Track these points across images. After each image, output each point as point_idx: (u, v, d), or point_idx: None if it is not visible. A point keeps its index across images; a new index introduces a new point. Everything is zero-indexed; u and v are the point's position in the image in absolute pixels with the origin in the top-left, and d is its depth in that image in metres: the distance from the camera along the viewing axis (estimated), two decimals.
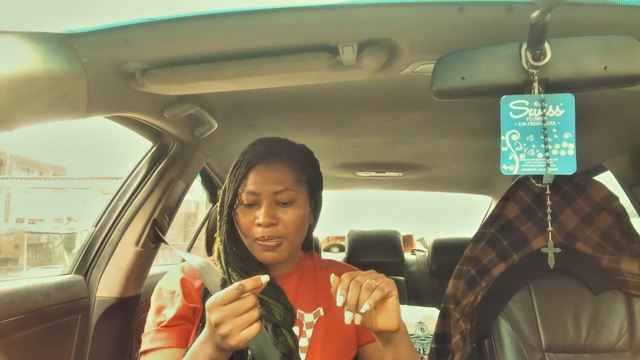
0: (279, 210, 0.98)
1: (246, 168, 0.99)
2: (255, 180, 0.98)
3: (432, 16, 0.82)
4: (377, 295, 0.77)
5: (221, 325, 0.77)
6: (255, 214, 0.97)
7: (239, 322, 0.77)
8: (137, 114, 1.21)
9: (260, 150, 1.02)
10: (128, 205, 1.50)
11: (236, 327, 0.76)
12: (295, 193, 0.99)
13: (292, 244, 1.00)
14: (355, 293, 0.78)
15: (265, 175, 0.98)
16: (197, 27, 0.85)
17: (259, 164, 0.99)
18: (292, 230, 0.98)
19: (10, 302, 1.14)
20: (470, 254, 1.39)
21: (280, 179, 0.98)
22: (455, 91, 0.82)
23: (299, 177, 1.02)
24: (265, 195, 0.97)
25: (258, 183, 0.98)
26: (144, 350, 0.95)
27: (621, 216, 1.31)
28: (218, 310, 0.77)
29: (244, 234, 0.99)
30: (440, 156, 2.11)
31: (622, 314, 1.24)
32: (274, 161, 1.00)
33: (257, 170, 0.99)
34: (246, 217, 0.98)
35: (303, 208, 1.01)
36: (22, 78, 0.79)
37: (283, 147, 1.05)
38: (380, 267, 3.36)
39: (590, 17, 0.82)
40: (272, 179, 0.98)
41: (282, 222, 0.97)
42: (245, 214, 0.98)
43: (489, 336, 1.26)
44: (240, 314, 0.77)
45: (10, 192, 10.68)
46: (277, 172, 0.99)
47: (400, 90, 1.26)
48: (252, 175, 0.99)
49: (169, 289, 1.00)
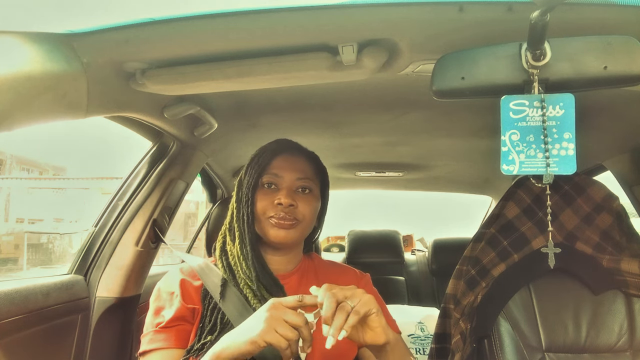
0: (297, 196, 1.03)
1: (270, 155, 1.06)
2: (279, 165, 1.05)
3: (432, 16, 0.82)
4: (352, 320, 0.79)
5: (269, 318, 0.80)
6: (275, 196, 1.01)
7: (280, 321, 0.80)
8: (137, 114, 1.21)
9: (283, 143, 1.10)
10: (128, 205, 1.50)
11: (275, 322, 0.79)
12: (312, 183, 1.06)
13: (303, 230, 1.04)
14: (334, 317, 0.80)
15: (289, 162, 1.06)
16: (197, 27, 0.85)
17: (283, 153, 1.07)
18: (307, 216, 1.03)
19: (10, 302, 1.14)
20: (470, 254, 1.39)
21: (302, 168, 1.06)
22: (455, 91, 0.82)
23: (315, 173, 1.09)
24: (287, 179, 1.03)
25: (282, 168, 1.04)
26: (143, 351, 0.95)
27: (621, 216, 1.31)
28: (277, 302, 0.82)
29: (259, 215, 1.02)
30: (440, 156, 2.10)
31: (622, 314, 1.24)
32: (296, 154, 1.08)
33: (282, 157, 1.06)
34: (265, 198, 1.02)
35: (317, 200, 1.07)
36: (22, 78, 0.79)
37: (302, 147, 1.13)
38: (380, 267, 3.35)
39: (590, 17, 0.82)
40: (294, 167, 1.05)
41: (299, 206, 1.02)
42: (265, 195, 1.02)
43: (489, 336, 1.26)
44: (286, 320, 0.80)
45: (10, 192, 10.68)
46: (299, 163, 1.07)
47: (400, 90, 1.26)
48: (276, 162, 1.05)
49: (167, 289, 1.00)
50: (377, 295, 1.12)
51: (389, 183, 2.80)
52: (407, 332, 2.05)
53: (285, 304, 0.83)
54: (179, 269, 1.04)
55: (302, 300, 0.83)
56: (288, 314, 0.81)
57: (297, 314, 0.82)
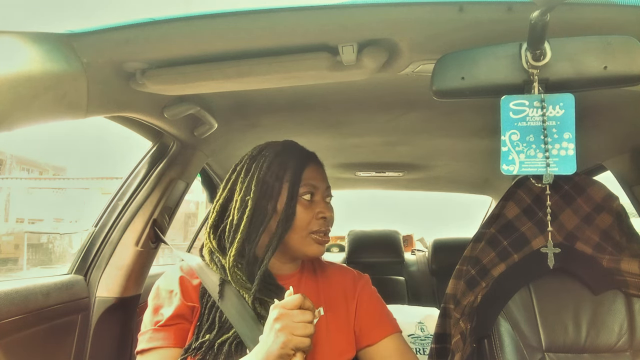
0: (328, 206, 1.04)
1: (301, 165, 1.02)
2: (312, 176, 1.02)
3: (432, 16, 0.82)
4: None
5: (283, 327, 0.82)
6: (315, 209, 1.00)
7: (294, 325, 0.82)
8: (137, 114, 1.21)
9: (305, 151, 1.07)
10: (128, 205, 1.50)
11: (291, 328, 0.82)
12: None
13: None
14: None
15: (319, 172, 1.05)
16: (197, 27, 0.85)
17: (311, 163, 1.04)
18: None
19: (10, 302, 1.14)
20: (470, 254, 1.39)
21: (326, 177, 1.06)
22: (455, 91, 0.82)
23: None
24: (321, 190, 1.03)
25: (315, 179, 1.02)
26: (141, 350, 0.95)
27: (621, 216, 1.31)
28: (280, 309, 0.84)
29: (299, 229, 0.99)
30: (440, 156, 2.10)
31: (622, 314, 1.24)
32: (318, 162, 1.07)
33: (312, 168, 1.04)
34: (307, 211, 1.00)
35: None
36: (22, 78, 0.79)
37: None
38: (380, 267, 3.34)
39: (590, 17, 0.82)
40: (323, 176, 1.05)
41: (331, 217, 1.03)
42: (306, 207, 1.00)
43: (489, 336, 1.26)
44: (298, 321, 0.83)
45: (10, 192, 10.68)
46: (323, 172, 1.07)
47: (400, 90, 1.26)
48: (308, 172, 1.02)
49: (167, 288, 1.00)
50: (377, 295, 1.12)
51: (389, 183, 2.80)
52: (407, 332, 2.05)
53: (288, 306, 0.84)
54: (178, 267, 1.04)
55: (304, 299, 0.85)
56: (296, 315, 0.83)
57: (303, 312, 0.84)
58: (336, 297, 1.07)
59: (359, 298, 1.08)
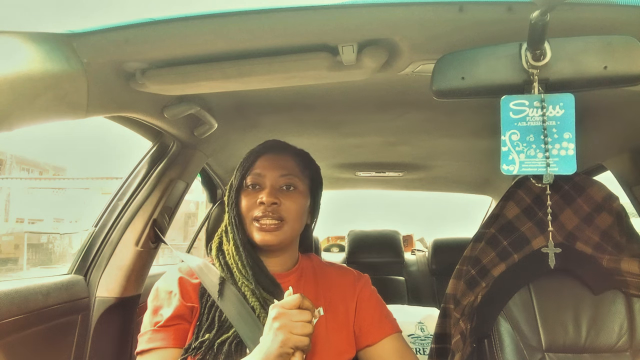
0: (281, 194, 1.03)
1: (254, 156, 1.07)
2: (262, 165, 1.05)
3: (432, 16, 0.82)
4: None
5: (281, 326, 0.83)
6: (258, 196, 1.01)
7: (292, 324, 0.83)
8: (137, 114, 1.21)
9: (269, 143, 1.10)
10: (128, 205, 1.50)
11: (289, 327, 0.83)
12: (298, 180, 1.05)
13: (291, 229, 1.03)
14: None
15: (272, 161, 1.05)
16: (197, 27, 0.85)
17: (266, 153, 1.07)
18: (292, 214, 1.02)
19: (10, 302, 1.13)
20: (470, 254, 1.39)
21: (286, 166, 1.05)
22: (455, 91, 0.82)
23: (302, 170, 1.08)
24: (269, 178, 1.03)
25: (264, 167, 1.04)
26: (141, 351, 0.95)
27: (621, 216, 1.31)
28: (279, 309, 0.85)
29: (244, 216, 1.02)
30: (440, 156, 2.10)
31: (622, 314, 1.24)
32: (281, 152, 1.08)
33: (265, 157, 1.06)
34: (249, 198, 1.02)
35: (304, 197, 1.06)
36: (22, 78, 0.79)
37: (289, 145, 1.13)
38: (380, 267, 3.35)
39: (590, 17, 0.82)
40: (277, 165, 1.05)
41: (283, 204, 1.01)
42: (248, 195, 1.03)
43: (489, 336, 1.26)
44: (296, 320, 0.84)
45: (10, 192, 10.68)
46: (283, 161, 1.06)
47: (400, 90, 1.26)
48: (259, 162, 1.06)
49: (166, 289, 1.00)
50: (377, 296, 1.12)
51: (389, 183, 2.80)
52: (407, 332, 2.05)
53: (286, 306, 0.85)
54: (177, 268, 1.04)
55: (303, 299, 0.86)
56: (295, 315, 0.84)
57: (301, 311, 0.85)
58: (336, 297, 1.07)
59: (359, 298, 1.08)
